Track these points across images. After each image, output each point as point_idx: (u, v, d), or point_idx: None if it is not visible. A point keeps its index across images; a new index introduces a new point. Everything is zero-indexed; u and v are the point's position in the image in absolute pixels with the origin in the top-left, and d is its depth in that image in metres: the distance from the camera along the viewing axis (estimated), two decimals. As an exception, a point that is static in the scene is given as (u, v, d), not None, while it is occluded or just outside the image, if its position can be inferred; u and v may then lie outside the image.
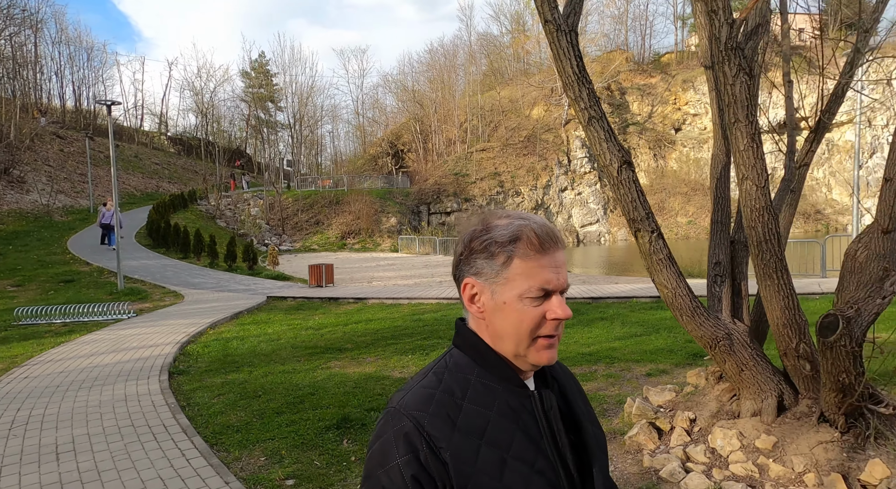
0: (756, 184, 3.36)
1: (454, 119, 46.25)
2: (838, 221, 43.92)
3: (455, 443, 0.80)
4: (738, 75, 3.19)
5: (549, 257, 0.85)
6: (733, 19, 3.16)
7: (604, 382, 5.37)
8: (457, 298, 5.31)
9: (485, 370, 0.87)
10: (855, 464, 3.14)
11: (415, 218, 37.03)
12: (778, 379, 3.62)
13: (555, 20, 2.95)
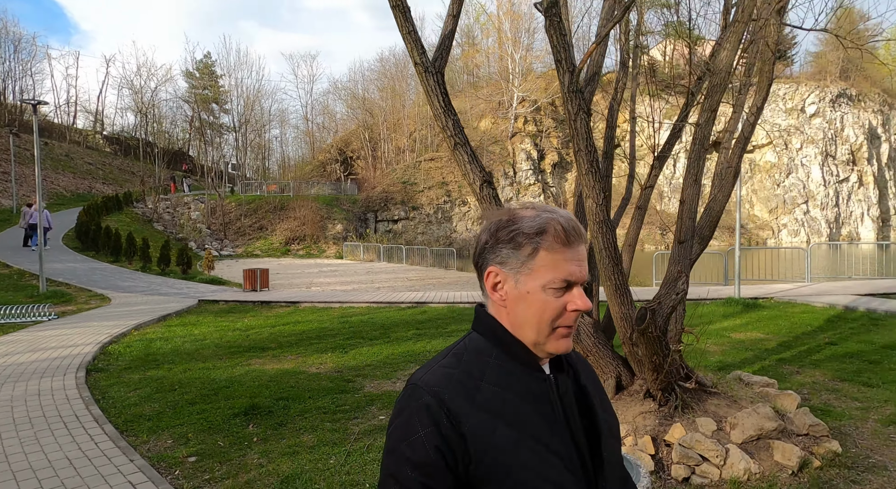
0: (595, 202, 4.09)
1: (404, 128, 46.88)
2: (759, 235, 47.36)
3: (473, 420, 0.82)
4: (578, 113, 3.91)
5: (574, 250, 0.87)
6: (574, 67, 3.89)
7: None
8: (385, 302, 6.32)
9: (503, 354, 0.89)
10: (663, 428, 3.89)
11: (361, 225, 37.22)
12: (617, 363, 4.36)
13: (423, 63, 3.57)
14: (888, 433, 4.23)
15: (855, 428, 4.38)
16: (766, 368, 6.13)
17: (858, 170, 48.84)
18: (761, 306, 10.04)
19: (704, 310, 9.82)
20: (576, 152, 4.04)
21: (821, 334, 7.74)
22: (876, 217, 49.19)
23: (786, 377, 5.81)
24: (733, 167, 4.18)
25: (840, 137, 48.13)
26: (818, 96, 47.37)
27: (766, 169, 48.33)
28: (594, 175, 4.05)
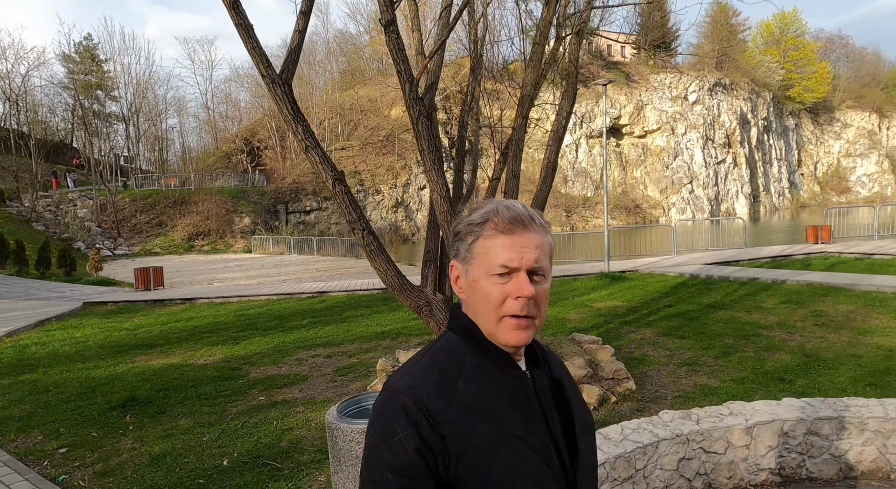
0: (439, 194, 4.70)
1: (313, 117, 45.83)
2: (652, 214, 51.64)
3: (451, 419, 0.82)
4: (419, 118, 4.48)
5: (514, 237, 0.85)
6: (412, 78, 4.44)
7: (382, 352, 6.57)
8: (286, 294, 6.84)
9: (478, 352, 0.89)
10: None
11: (272, 217, 36.28)
12: (467, 332, 5.06)
13: (270, 76, 3.96)
14: (679, 373, 5.28)
15: (657, 371, 5.40)
16: (609, 330, 7.17)
17: (733, 152, 54.58)
18: (626, 278, 11.41)
19: (577, 285, 11.00)
20: (420, 151, 4.62)
21: (664, 299, 9.05)
22: (748, 194, 55.37)
23: (623, 336, 6.87)
24: (551, 163, 4.96)
25: (717, 123, 53.44)
26: (698, 85, 52.16)
27: (657, 152, 52.63)
28: (437, 171, 4.65)
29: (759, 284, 9.74)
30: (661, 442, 2.93)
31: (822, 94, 59.43)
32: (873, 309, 7.46)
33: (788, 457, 3.07)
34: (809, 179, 63.78)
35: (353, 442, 2.30)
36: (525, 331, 0.86)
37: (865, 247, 13.47)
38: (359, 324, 8.30)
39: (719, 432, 3.03)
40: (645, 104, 51.52)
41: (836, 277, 9.64)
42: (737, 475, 3.05)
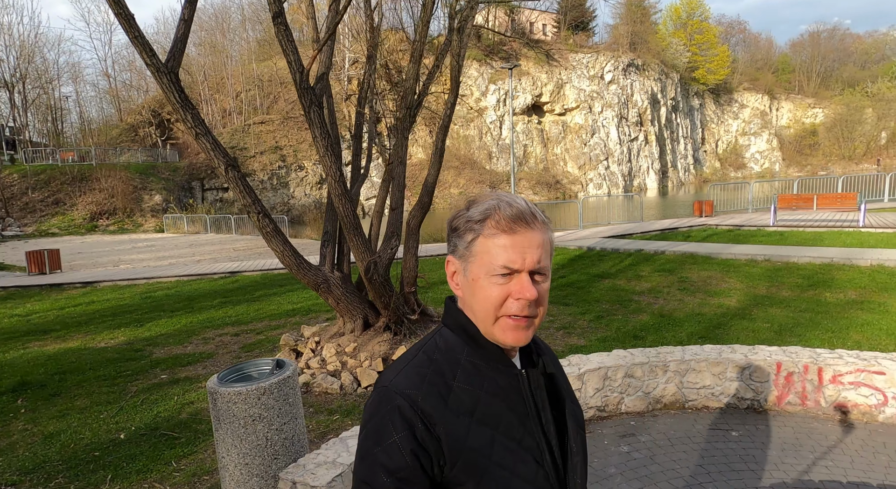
0: (333, 178, 4.99)
1: (228, 88, 43.51)
2: (571, 189, 54.12)
3: (448, 421, 0.81)
4: (311, 106, 4.72)
5: (516, 237, 0.83)
6: (303, 68, 4.66)
7: (291, 328, 6.85)
8: (198, 274, 6.93)
9: (474, 350, 0.88)
10: (392, 350, 5.11)
11: (186, 195, 34.48)
12: (364, 306, 5.47)
13: (155, 64, 4.05)
14: (557, 335, 6.02)
15: (538, 334, 6.11)
16: (506, 300, 7.87)
17: (644, 130, 58.02)
18: (531, 251, 12.26)
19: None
20: (314, 138, 4.88)
21: (560, 271, 9.93)
22: (658, 170, 59.30)
23: (517, 305, 7.58)
24: (439, 149, 5.40)
25: (631, 102, 56.41)
26: (613, 65, 54.58)
27: (576, 130, 54.87)
28: (330, 157, 4.94)
29: (643, 255, 10.88)
30: (508, 390, 3.52)
31: (723, 77, 64.14)
32: (727, 274, 8.68)
33: (611, 396, 3.78)
34: (711, 156, 69.14)
35: (231, 403, 2.66)
36: (525, 331, 0.85)
37: (738, 219, 15.23)
38: (270, 302, 8.48)
39: (557, 380, 3.68)
40: (565, 82, 53.31)
41: (705, 247, 10.96)
42: (571, 413, 3.72)
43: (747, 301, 7.03)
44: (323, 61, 5.13)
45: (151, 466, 3.36)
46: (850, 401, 3.47)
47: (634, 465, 3.11)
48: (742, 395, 3.74)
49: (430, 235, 21.34)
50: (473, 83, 49.65)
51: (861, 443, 3.19)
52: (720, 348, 3.93)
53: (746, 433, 3.40)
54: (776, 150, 68.93)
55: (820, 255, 9.23)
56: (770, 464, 3.02)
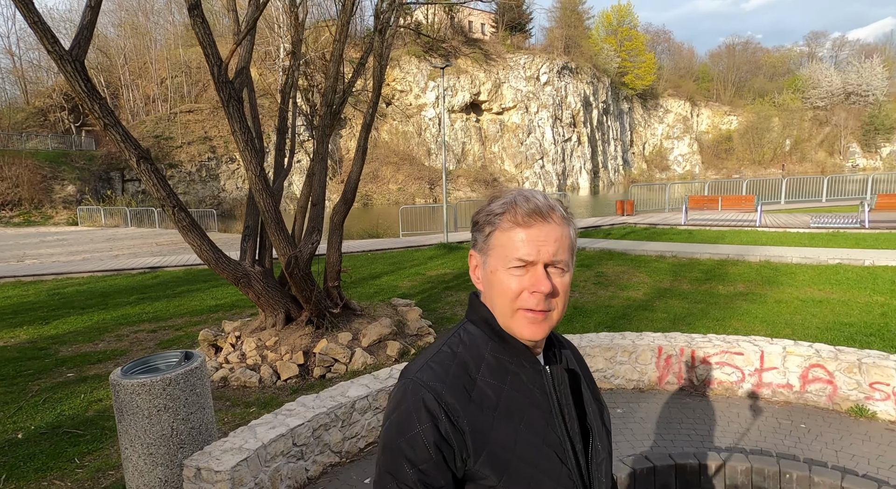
0: (254, 173, 5.00)
1: (152, 74, 41.08)
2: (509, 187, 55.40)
3: (471, 415, 0.82)
4: (230, 101, 4.70)
5: (531, 230, 0.84)
6: (220, 61, 4.64)
7: (213, 324, 6.74)
8: (114, 270, 6.61)
9: (497, 345, 0.88)
10: (313, 343, 5.20)
11: (104, 186, 32.31)
12: (286, 300, 5.51)
13: (57, 52, 3.91)
14: (475, 326, 6.31)
15: (459, 326, 6.39)
16: (433, 294, 8.11)
17: (577, 131, 60.33)
18: (462, 248, 12.60)
19: (418, 255, 11.92)
20: (232, 133, 4.87)
21: (487, 265, 10.30)
22: (589, 170, 61.88)
23: (442, 299, 7.83)
24: (362, 147, 5.53)
25: (564, 103, 58.46)
26: (548, 67, 56.31)
27: (513, 129, 56.18)
28: (250, 152, 4.94)
29: (566, 251, 11.49)
30: (417, 377, 3.73)
31: (650, 82, 67.78)
32: (638, 269, 9.37)
33: (515, 381, 4.09)
34: (639, 158, 72.97)
35: (134, 394, 2.69)
36: (540, 325, 0.85)
37: (655, 218, 16.33)
38: (193, 298, 8.27)
39: (465, 366, 3.93)
40: (502, 82, 54.42)
41: (622, 244, 11.72)
42: (478, 398, 3.99)
43: (652, 294, 7.66)
44: (242, 56, 5.11)
45: (52, 464, 3.30)
46: (716, 378, 3.96)
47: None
48: (629, 377, 4.16)
49: (364, 231, 21.30)
50: (413, 79, 49.67)
51: (721, 414, 3.66)
52: (612, 335, 4.34)
53: (630, 410, 3.80)
54: (696, 153, 73.73)
55: (719, 252, 10.14)
56: (644, 436, 3.42)
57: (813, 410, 3.60)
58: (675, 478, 2.70)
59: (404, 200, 45.86)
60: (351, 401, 3.34)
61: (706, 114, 76.38)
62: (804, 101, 71.54)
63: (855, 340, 5.03)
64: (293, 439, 2.94)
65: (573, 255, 0.88)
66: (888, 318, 5.79)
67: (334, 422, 3.22)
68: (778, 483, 2.57)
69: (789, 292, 7.25)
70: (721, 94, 76.97)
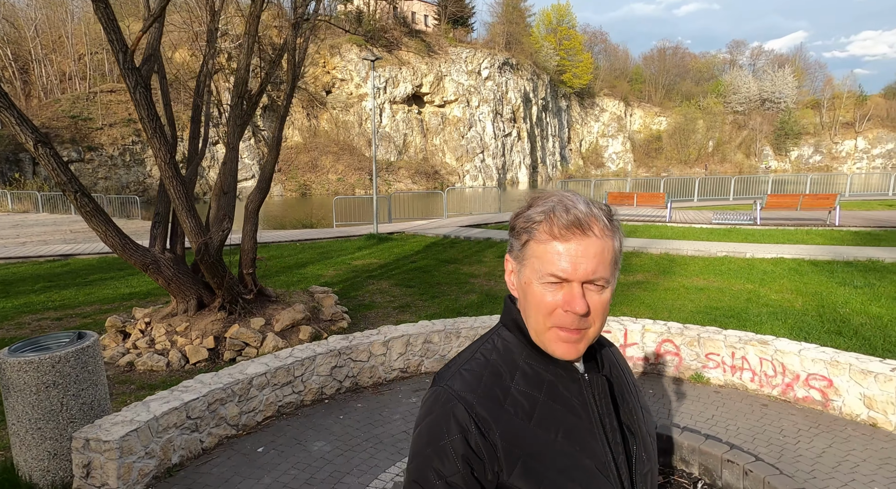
0: (164, 161, 5.04)
1: (69, 49, 38.22)
2: (449, 180, 55.95)
3: (504, 425, 0.79)
4: (136, 87, 4.71)
5: (569, 245, 0.78)
6: (126, 47, 4.64)
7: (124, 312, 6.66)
8: (19, 257, 6.38)
9: (532, 352, 0.85)
10: (225, 329, 5.33)
11: (12, 168, 29.92)
12: (198, 287, 5.59)
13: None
14: (392, 313, 6.62)
15: (376, 312, 6.68)
16: (355, 283, 8.34)
17: (517, 127, 61.75)
18: (391, 239, 12.87)
19: (347, 245, 12.07)
20: (140, 120, 4.88)
21: (413, 256, 10.63)
22: (529, 164, 63.57)
23: (363, 287, 8.08)
24: (276, 137, 5.67)
25: (505, 99, 59.63)
26: (490, 62, 57.17)
27: (454, 122, 56.73)
28: (159, 139, 4.98)
29: (489, 243, 12.01)
30: (317, 356, 4.00)
31: (587, 81, 70.28)
32: (553, 259, 10.00)
33: (412, 359, 4.44)
34: (576, 154, 75.62)
35: (21, 372, 2.79)
36: (574, 345, 0.81)
37: (579, 212, 17.24)
38: (105, 286, 8.07)
39: (364, 346, 4.24)
40: (444, 75, 54.75)
41: (543, 236, 12.39)
42: (376, 375, 4.31)
43: (560, 282, 8.26)
44: (150, 42, 5.11)
45: (-61, 446, 3.31)
46: (590, 354, 4.48)
47: (415, 410, 3.77)
48: (517, 354, 4.61)
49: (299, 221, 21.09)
50: (354, 68, 49.05)
51: (589, 384, 4.18)
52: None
53: (512, 382, 4.25)
54: (629, 151, 77.34)
55: (628, 245, 10.97)
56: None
57: (664, 379, 4.19)
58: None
59: (344, 191, 45.38)
60: (249, 377, 3.56)
61: (639, 114, 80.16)
62: (725, 105, 76.61)
63: (717, 321, 5.76)
64: (187, 412, 3.14)
65: (616, 268, 0.82)
66: (750, 303, 6.62)
67: (231, 397, 3.43)
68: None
69: (678, 281, 8.05)
70: (652, 96, 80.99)
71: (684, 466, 2.84)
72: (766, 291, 7.25)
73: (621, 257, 0.83)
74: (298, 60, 5.74)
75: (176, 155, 5.31)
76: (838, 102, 73.67)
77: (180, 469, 3.05)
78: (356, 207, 20.00)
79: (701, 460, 2.76)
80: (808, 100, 76.05)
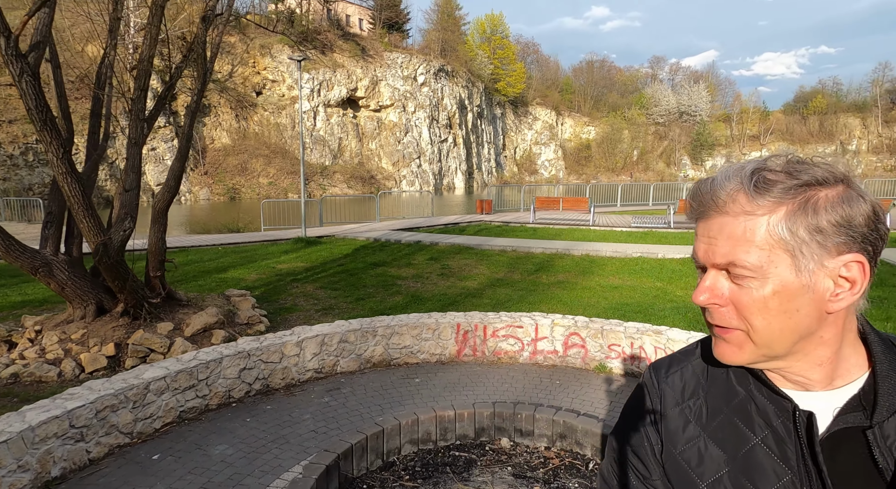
0: (55, 155, 4.68)
1: (-38, 36, 34.59)
2: (385, 185, 55.68)
3: (673, 418, 0.73)
4: (22, 75, 4.37)
5: (701, 224, 0.65)
6: (9, 32, 4.30)
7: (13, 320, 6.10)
8: None
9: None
10: (128, 334, 5.02)
11: None
12: (97, 291, 5.24)
13: None
14: (314, 316, 6.49)
15: (298, 315, 6.52)
16: (278, 287, 8.10)
17: (453, 133, 62.49)
18: (320, 243, 12.63)
19: (273, 249, 11.72)
20: (28, 111, 4.53)
21: (341, 259, 10.49)
22: (465, 171, 64.46)
23: (287, 290, 7.86)
24: (186, 134, 5.44)
25: (441, 105, 60.23)
26: (425, 68, 57.60)
27: (390, 127, 56.58)
28: (50, 132, 4.62)
29: (419, 246, 12.07)
30: (224, 358, 3.86)
31: (520, 90, 72.38)
32: (480, 262, 10.20)
33: (327, 359, 4.39)
34: (511, 161, 77.53)
35: None
36: (722, 345, 0.66)
37: (509, 217, 17.71)
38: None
39: (275, 347, 4.14)
40: (380, 80, 54.55)
41: (474, 240, 12.61)
42: (289, 376, 4.22)
43: (486, 283, 8.43)
44: (39, 28, 4.76)
45: None
46: (503, 349, 4.61)
47: (327, 410, 3.73)
48: (433, 351, 4.66)
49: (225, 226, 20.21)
50: (286, 69, 47.81)
51: (502, 378, 4.29)
52: (420, 315, 4.82)
53: (426, 379, 4.29)
54: (561, 159, 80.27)
55: (553, 247, 11.39)
56: (430, 398, 3.91)
57: (571, 370, 4.39)
58: (436, 426, 3.18)
59: (276, 195, 43.99)
60: (145, 383, 3.37)
61: (569, 123, 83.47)
62: (648, 116, 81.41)
63: (625, 316, 6.10)
64: (70, 421, 2.93)
65: (771, 254, 0.60)
66: (657, 299, 7.07)
67: (124, 403, 3.24)
68: (513, 422, 3.16)
69: (596, 281, 8.45)
70: (582, 106, 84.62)
71: (579, 448, 2.98)
72: (673, 288, 7.76)
73: (804, 244, 0.59)
74: (212, 56, 5.53)
75: (72, 149, 4.96)
76: (745, 117, 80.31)
77: (61, 482, 2.84)
78: (286, 211, 19.44)
79: (593, 442, 2.92)
80: (720, 113, 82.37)
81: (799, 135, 77.91)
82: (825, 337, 0.62)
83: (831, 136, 76.17)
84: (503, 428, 3.16)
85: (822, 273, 0.59)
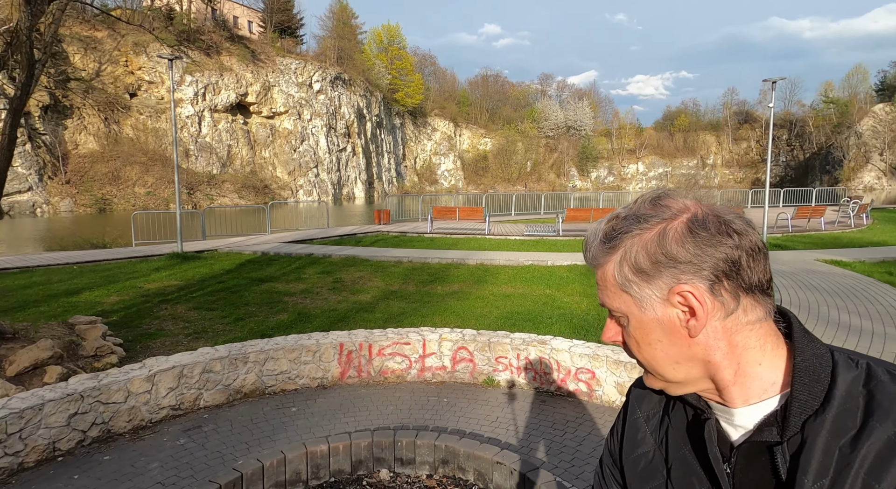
0: None
1: None
2: (281, 195, 53.27)
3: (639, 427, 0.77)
4: None
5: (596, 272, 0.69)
6: None
7: None
8: None
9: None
10: (-75, 381, 4.07)
11: None
12: None
13: None
14: (184, 342, 5.77)
15: (163, 342, 5.77)
16: (142, 309, 7.17)
17: (352, 142, 61.49)
18: (199, 258, 11.55)
19: (142, 266, 10.50)
20: None
21: (222, 276, 9.64)
22: (365, 180, 63.62)
23: (153, 313, 6.99)
24: (7, 135, 4.59)
25: (339, 114, 59.05)
26: (321, 75, 56.22)
27: (285, 135, 54.37)
28: None
29: (311, 259, 11.49)
30: (47, 403, 3.21)
31: (418, 101, 73.22)
32: (375, 274, 9.89)
33: (187, 393, 3.85)
34: (411, 171, 77.96)
35: None
36: (648, 376, 0.69)
37: (407, 227, 17.57)
38: None
39: (119, 384, 3.53)
40: (272, 85, 52.30)
41: (369, 251, 12.27)
42: (137, 417, 3.63)
43: (379, 296, 8.14)
44: None
45: None
46: (390, 368, 4.36)
47: (181, 455, 3.23)
48: (314, 375, 4.29)
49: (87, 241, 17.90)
50: (164, 71, 44.13)
51: (388, 400, 4.04)
52: (299, 337, 4.43)
53: (304, 407, 3.92)
54: (460, 169, 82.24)
55: (448, 257, 11.38)
56: (305, 429, 3.55)
57: (460, 386, 4.25)
58: (306, 464, 2.85)
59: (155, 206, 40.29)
60: (-73, 445, 2.67)
61: (467, 134, 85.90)
62: (539, 130, 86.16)
63: (515, 325, 6.14)
64: None
65: (635, 295, 0.63)
66: (547, 307, 7.24)
67: None
68: (392, 451, 2.92)
69: (489, 289, 8.51)
70: (478, 118, 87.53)
71: (461, 474, 2.82)
72: (561, 295, 8.02)
73: (629, 281, 0.63)
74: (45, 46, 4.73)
75: None
76: (623, 132, 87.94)
77: None
78: (162, 224, 17.67)
79: (475, 465, 2.77)
80: (601, 129, 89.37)
81: (667, 149, 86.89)
82: (713, 360, 0.63)
83: (693, 151, 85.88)
84: (382, 458, 2.91)
85: (663, 305, 0.62)
